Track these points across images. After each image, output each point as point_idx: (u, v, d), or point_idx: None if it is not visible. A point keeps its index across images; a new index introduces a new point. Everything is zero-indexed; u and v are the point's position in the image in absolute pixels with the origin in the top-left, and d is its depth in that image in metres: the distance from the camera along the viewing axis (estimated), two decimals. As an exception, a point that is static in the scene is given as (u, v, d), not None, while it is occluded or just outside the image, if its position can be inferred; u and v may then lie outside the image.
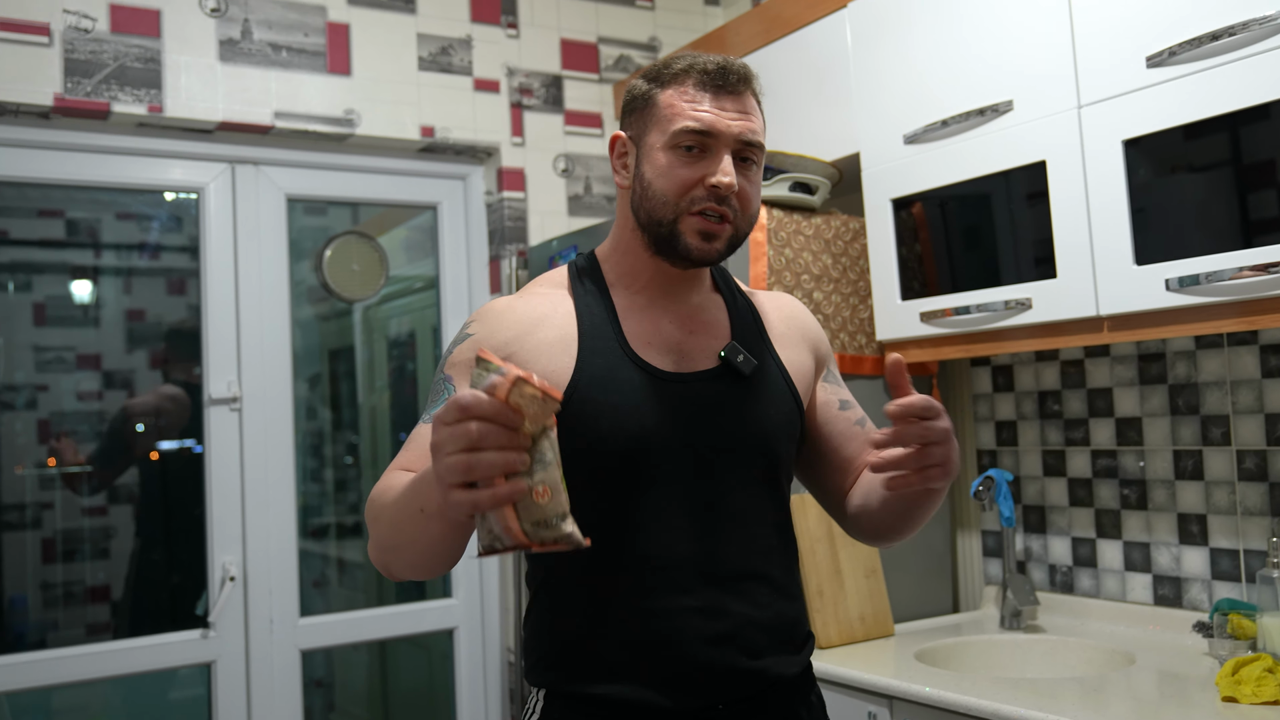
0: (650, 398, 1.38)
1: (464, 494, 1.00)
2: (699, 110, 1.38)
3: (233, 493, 2.83)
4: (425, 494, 1.14)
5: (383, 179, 3.14)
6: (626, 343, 1.41)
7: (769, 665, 1.39)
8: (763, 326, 1.53)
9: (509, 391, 0.99)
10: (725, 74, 1.39)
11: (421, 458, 1.32)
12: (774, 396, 1.46)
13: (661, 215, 1.39)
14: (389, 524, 1.25)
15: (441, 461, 1.01)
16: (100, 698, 3.42)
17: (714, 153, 1.38)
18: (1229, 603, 2.08)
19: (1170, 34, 1.87)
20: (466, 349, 1.40)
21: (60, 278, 3.90)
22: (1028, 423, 2.61)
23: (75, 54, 2.61)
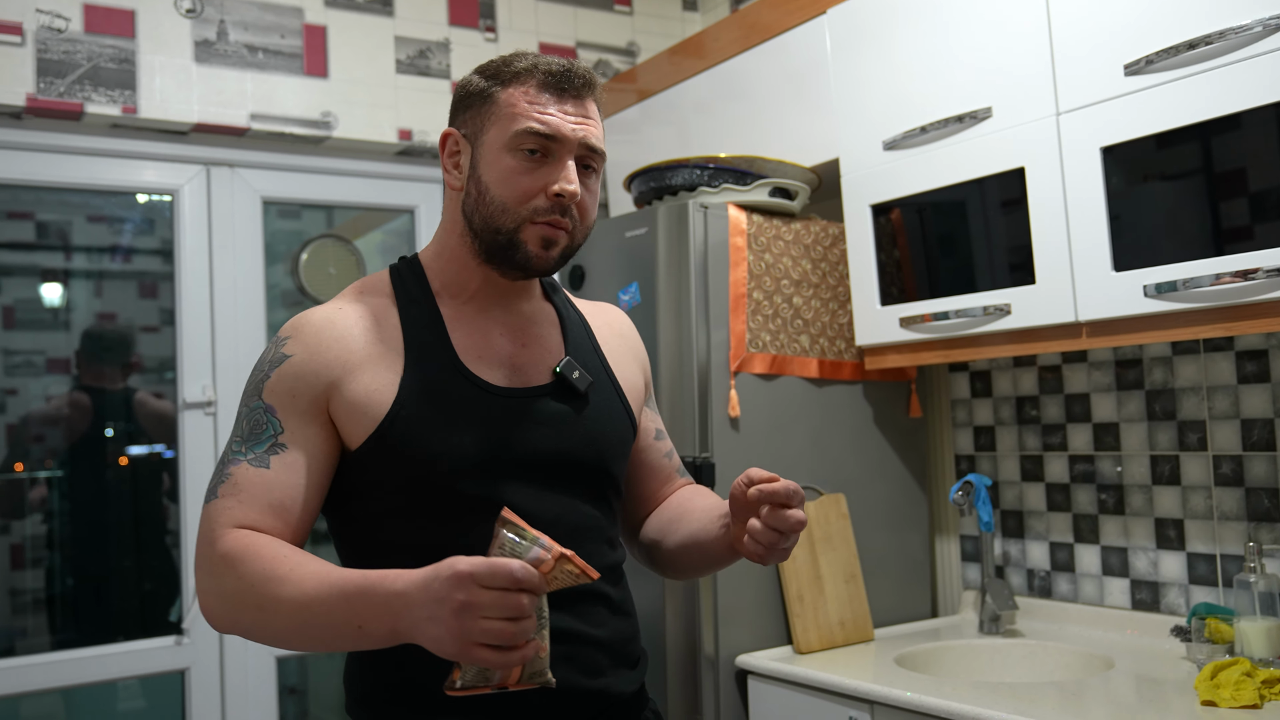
0: (483, 414, 1.33)
1: (491, 655, 1.04)
2: (544, 113, 1.32)
3: (207, 498, 2.80)
4: (371, 615, 1.11)
5: (360, 182, 3.12)
6: (457, 356, 1.35)
7: (609, 684, 1.36)
8: (595, 341, 1.50)
9: (553, 567, 1.06)
10: (570, 77, 1.34)
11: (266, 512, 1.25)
12: (610, 414, 1.44)
13: (501, 223, 1.33)
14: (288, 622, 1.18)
15: (477, 624, 1.02)
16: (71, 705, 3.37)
17: (556, 158, 1.33)
18: (1206, 607, 2.09)
19: (1148, 42, 1.88)
20: (293, 372, 1.31)
21: (30, 280, 3.85)
22: (1006, 428, 2.62)
23: (48, 54, 2.58)
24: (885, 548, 2.65)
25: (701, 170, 2.50)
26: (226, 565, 1.21)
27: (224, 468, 1.29)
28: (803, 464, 2.52)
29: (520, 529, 1.09)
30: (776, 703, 2.27)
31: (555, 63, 1.35)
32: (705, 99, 2.93)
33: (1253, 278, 1.73)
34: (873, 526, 2.62)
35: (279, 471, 1.27)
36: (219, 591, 1.22)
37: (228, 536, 1.22)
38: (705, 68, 2.92)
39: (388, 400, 1.30)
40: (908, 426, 2.72)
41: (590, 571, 1.07)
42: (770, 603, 2.43)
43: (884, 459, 2.67)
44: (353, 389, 1.30)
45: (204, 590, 1.24)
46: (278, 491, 1.26)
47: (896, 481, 2.69)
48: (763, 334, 2.46)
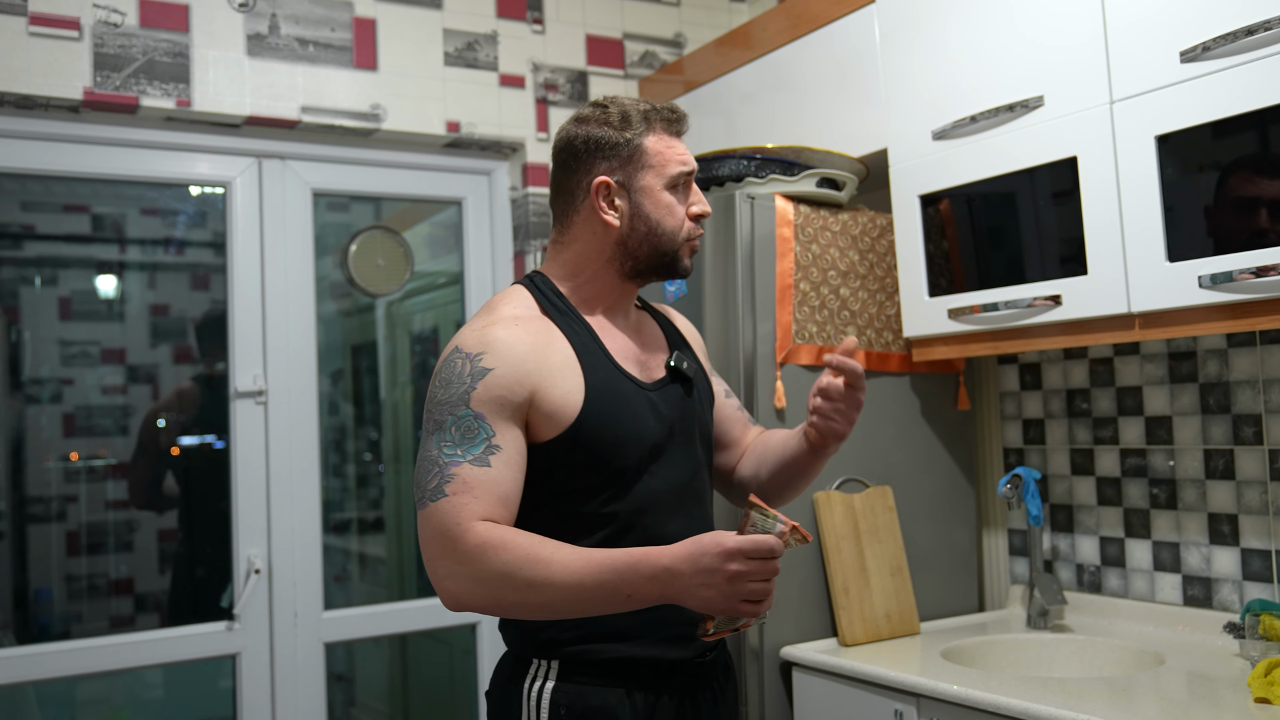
0: (640, 405, 1.61)
1: (750, 607, 1.40)
2: (681, 155, 1.65)
3: (258, 486, 2.84)
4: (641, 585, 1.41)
5: (408, 174, 3.14)
6: (614, 360, 1.62)
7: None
8: (682, 337, 1.80)
9: (789, 536, 1.40)
10: (681, 120, 1.67)
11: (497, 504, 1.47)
12: (703, 394, 1.75)
13: (669, 247, 1.64)
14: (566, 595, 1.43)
15: (745, 587, 1.38)
16: (124, 689, 3.44)
17: (688, 185, 1.66)
18: (1260, 603, 2.06)
19: (1205, 28, 1.85)
20: (499, 383, 1.51)
21: (86, 272, 3.92)
22: (1055, 421, 2.59)
23: (105, 48, 2.63)
24: (932, 541, 2.63)
25: (748, 161, 2.49)
26: (485, 552, 1.43)
27: (443, 470, 1.48)
28: (850, 456, 2.51)
29: (764, 510, 1.40)
30: (821, 695, 2.27)
31: (665, 109, 1.66)
32: (752, 90, 2.92)
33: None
34: (920, 519, 2.60)
35: (499, 469, 1.49)
36: (476, 576, 1.43)
37: (476, 528, 1.44)
38: (752, 58, 2.91)
39: (578, 402, 1.55)
40: (956, 419, 2.70)
41: (808, 536, 1.41)
42: (815, 595, 2.42)
43: (931, 451, 2.65)
44: (550, 395, 1.54)
45: (454, 576, 1.45)
46: (503, 485, 1.49)
47: (944, 474, 2.67)
48: (809, 325, 2.45)
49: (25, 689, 2.72)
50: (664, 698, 1.61)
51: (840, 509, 2.43)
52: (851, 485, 2.50)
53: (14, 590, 3.56)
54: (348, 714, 3.95)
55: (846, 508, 2.44)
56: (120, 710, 3.52)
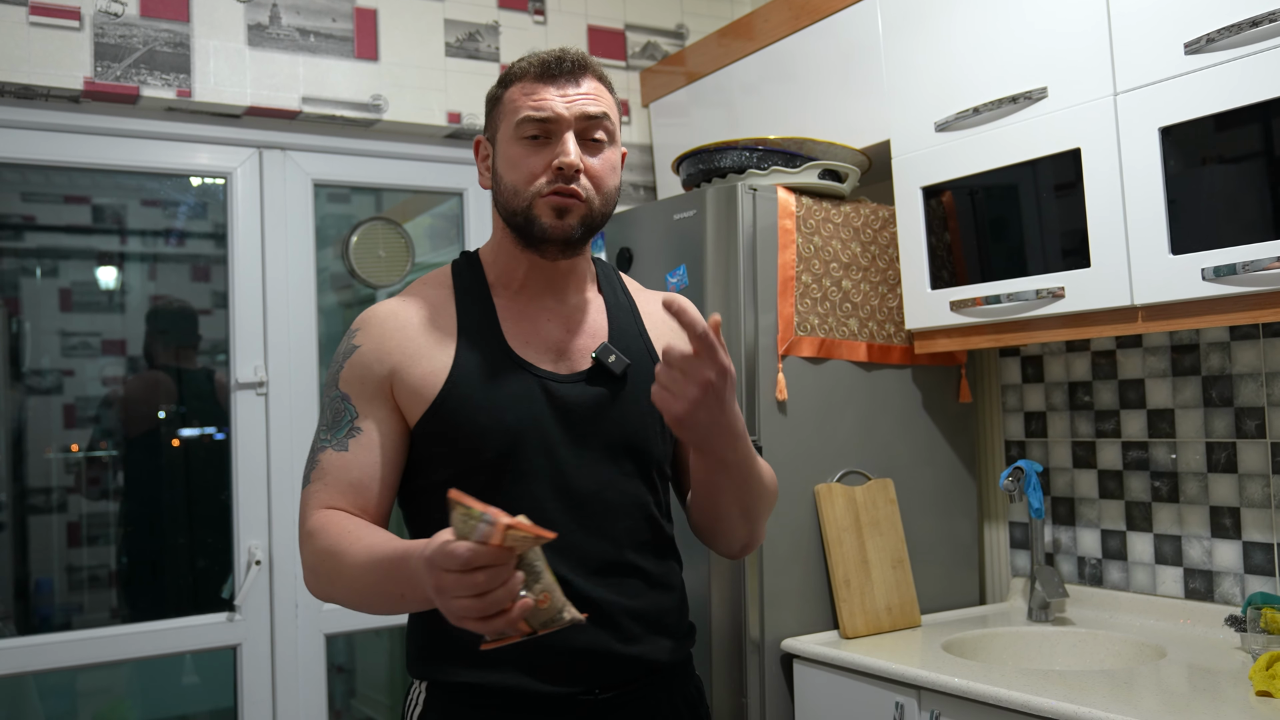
0: (527, 396, 1.44)
1: (480, 625, 1.09)
2: (536, 99, 1.43)
3: (258, 477, 2.83)
4: (406, 583, 1.21)
5: (409, 165, 3.13)
6: (506, 343, 1.47)
7: (645, 651, 1.45)
8: (643, 326, 1.58)
9: (502, 538, 1.06)
10: (560, 62, 1.45)
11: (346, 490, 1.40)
12: (648, 394, 1.43)
13: (515, 205, 1.45)
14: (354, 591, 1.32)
15: (452, 603, 1.08)
16: (124, 679, 3.44)
17: (557, 138, 1.43)
18: (1262, 596, 2.05)
19: (1209, 20, 1.84)
20: (361, 361, 1.45)
21: (86, 263, 3.92)
22: (1057, 414, 2.58)
23: (105, 38, 2.62)
24: (933, 533, 2.63)
25: (750, 152, 2.48)
26: (309, 542, 1.38)
27: (313, 455, 1.44)
28: (851, 448, 2.50)
29: (466, 509, 1.09)
30: (822, 687, 2.27)
31: (546, 54, 1.46)
32: (754, 81, 2.91)
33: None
34: (921, 512, 2.60)
35: (356, 453, 1.42)
36: (306, 566, 1.39)
37: (312, 517, 1.39)
38: (754, 49, 2.90)
39: (439, 382, 1.43)
40: (957, 411, 2.70)
41: (543, 533, 1.08)
42: (816, 587, 2.42)
43: (933, 444, 2.65)
44: (411, 373, 1.44)
45: (302, 565, 1.40)
46: (355, 471, 1.41)
47: (945, 467, 2.67)
48: (811, 317, 2.45)
49: (26, 679, 2.73)
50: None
51: (841, 501, 2.43)
52: (853, 478, 2.49)
53: (15, 581, 3.56)
54: (348, 705, 3.96)
55: (848, 500, 2.43)
56: (121, 701, 3.53)
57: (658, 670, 1.48)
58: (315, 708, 2.86)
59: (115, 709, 3.47)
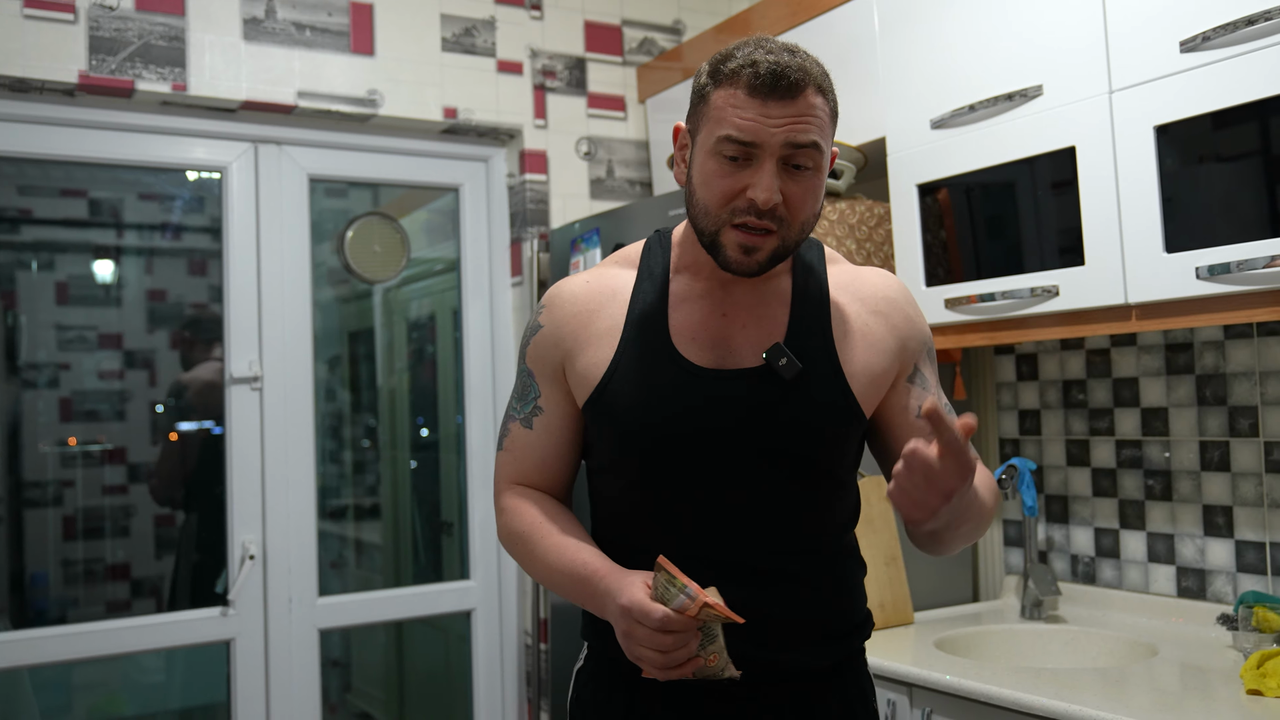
0: (681, 394, 1.39)
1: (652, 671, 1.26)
2: (743, 118, 1.32)
3: (253, 472, 2.83)
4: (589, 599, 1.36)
5: (405, 160, 3.13)
6: (669, 335, 1.42)
7: (796, 659, 1.41)
8: (828, 323, 1.45)
9: (698, 612, 1.21)
10: (777, 79, 1.31)
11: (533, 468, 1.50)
12: (818, 401, 1.41)
13: (704, 225, 1.37)
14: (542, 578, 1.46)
15: (634, 649, 1.25)
16: (119, 673, 3.44)
17: (758, 162, 1.32)
18: (1254, 595, 2.06)
19: (1205, 18, 1.84)
20: (542, 342, 1.49)
21: (83, 257, 3.92)
22: (1051, 412, 2.59)
23: (100, 31, 2.61)
24: (927, 531, 2.63)
25: (746, 149, 2.48)
26: (504, 515, 1.51)
27: (506, 422, 1.54)
28: (845, 445, 2.50)
29: (671, 576, 1.22)
30: (815, 684, 2.27)
31: (765, 64, 1.32)
32: (751, 78, 2.91)
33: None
34: (915, 509, 2.60)
35: (539, 433, 1.50)
36: (501, 532, 1.52)
37: (507, 492, 1.52)
38: (751, 46, 2.89)
39: (599, 374, 1.43)
40: (952, 408, 2.69)
41: (733, 617, 1.22)
42: (810, 584, 2.42)
43: (927, 442, 2.64)
44: (579, 360, 1.46)
45: (499, 524, 1.53)
46: (539, 451, 1.50)
47: (939, 465, 2.66)
48: (806, 314, 2.45)
49: (21, 673, 2.73)
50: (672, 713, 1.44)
51: (835, 498, 2.43)
52: (847, 475, 2.49)
53: (10, 575, 3.56)
54: (343, 699, 3.96)
55: (842, 497, 2.44)
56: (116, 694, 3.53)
57: (813, 674, 1.44)
58: (309, 702, 2.86)
59: (110, 703, 3.47)
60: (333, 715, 3.70)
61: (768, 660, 1.39)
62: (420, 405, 3.79)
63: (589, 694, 1.52)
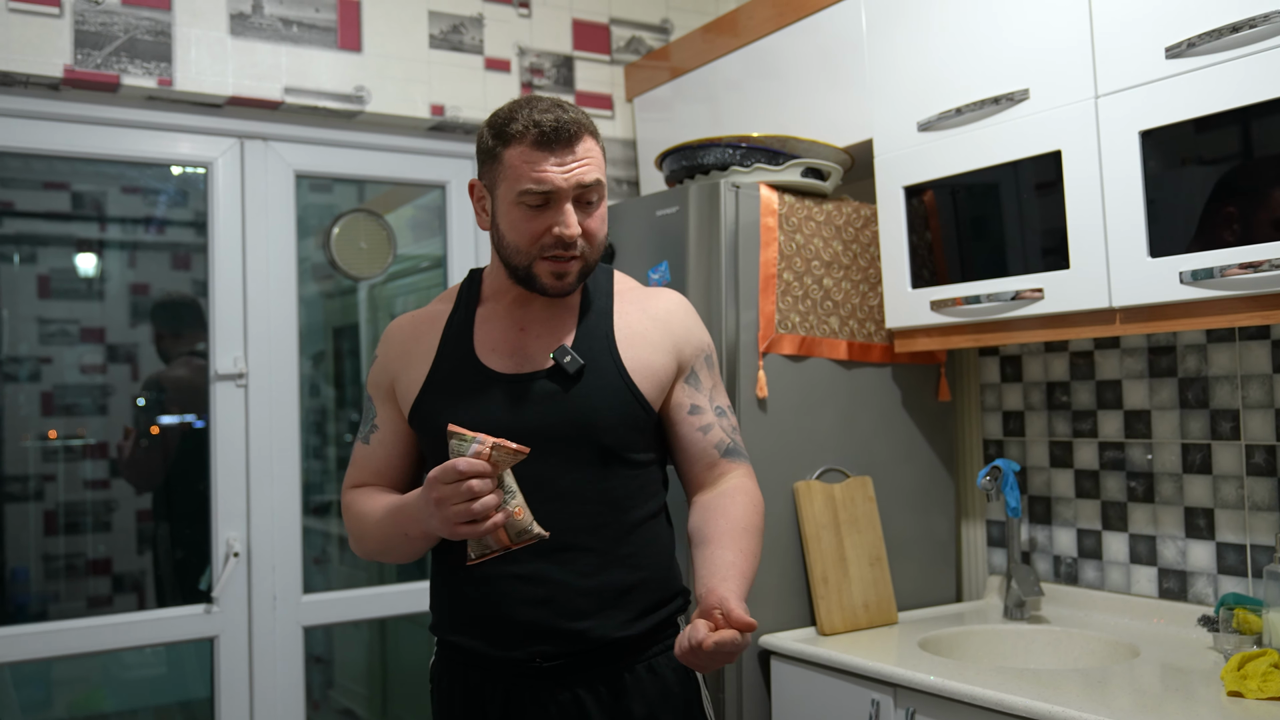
0: (485, 395, 1.63)
1: (469, 529, 1.40)
2: (538, 171, 1.55)
3: (237, 468, 2.82)
4: (406, 523, 1.55)
5: (392, 157, 3.12)
6: (473, 349, 1.67)
7: (591, 627, 1.59)
8: (610, 327, 1.68)
9: (490, 452, 1.39)
10: (559, 132, 1.55)
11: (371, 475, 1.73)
12: (604, 391, 1.63)
13: (517, 262, 1.62)
14: (376, 541, 1.66)
15: (448, 510, 1.40)
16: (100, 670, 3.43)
17: (556, 204, 1.57)
18: (1235, 597, 2.08)
19: (1190, 25, 1.85)
20: (376, 369, 1.76)
21: (65, 250, 3.89)
22: (1035, 413, 2.60)
23: (86, 25, 2.60)
24: (911, 531, 2.64)
25: (734, 149, 2.49)
26: (344, 513, 1.72)
27: (355, 444, 1.77)
28: (831, 446, 2.51)
29: (460, 434, 1.41)
30: (799, 683, 2.28)
31: (546, 118, 1.55)
32: (738, 77, 2.92)
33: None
34: (899, 509, 2.62)
35: (375, 447, 1.74)
36: (348, 531, 1.72)
37: (345, 495, 1.74)
38: (739, 46, 2.90)
39: (417, 388, 1.67)
40: (936, 410, 2.71)
41: (521, 449, 1.41)
42: (795, 584, 2.43)
43: (912, 442, 2.66)
44: (401, 382, 1.71)
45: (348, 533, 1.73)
46: (375, 461, 1.74)
47: (924, 465, 2.68)
48: (792, 315, 2.46)
49: (1, 669, 2.71)
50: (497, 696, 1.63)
51: (820, 499, 2.44)
52: (832, 475, 2.50)
53: (-10, 570, 3.54)
54: (326, 696, 3.95)
55: (826, 498, 2.45)
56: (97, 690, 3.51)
57: (610, 643, 1.61)
58: (292, 699, 2.86)
59: (91, 698, 3.45)
60: (316, 712, 3.69)
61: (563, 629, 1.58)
62: (405, 402, 3.79)
63: (445, 683, 1.70)
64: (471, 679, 1.65)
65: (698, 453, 1.71)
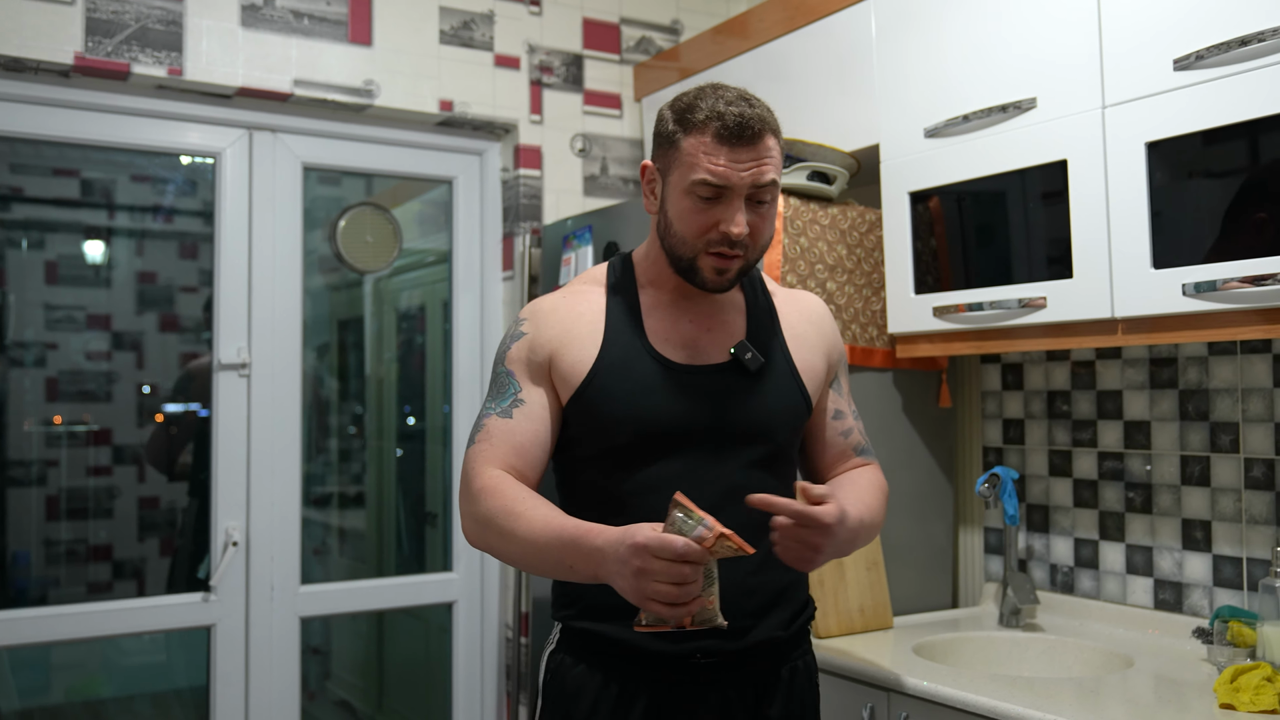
0: (662, 386, 1.60)
1: (662, 608, 1.31)
2: (715, 165, 1.53)
3: (239, 458, 2.83)
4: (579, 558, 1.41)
5: (400, 151, 3.13)
6: (646, 337, 1.63)
7: (754, 625, 1.60)
8: (779, 326, 1.72)
9: (714, 543, 1.30)
10: (742, 128, 1.52)
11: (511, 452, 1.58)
12: (780, 390, 1.66)
13: (681, 252, 1.60)
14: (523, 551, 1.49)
15: (649, 586, 1.30)
16: (98, 655, 3.44)
17: (728, 200, 1.55)
18: (1230, 610, 2.08)
19: (1199, 37, 1.86)
20: (524, 346, 1.65)
21: (73, 237, 3.91)
22: (1035, 422, 2.60)
23: (97, 13, 2.61)
24: (909, 536, 2.64)
25: (740, 151, 2.49)
26: (482, 496, 1.53)
27: (479, 421, 1.63)
28: (830, 449, 2.52)
29: (688, 510, 1.32)
30: (793, 685, 2.28)
31: (732, 115, 1.53)
32: (747, 79, 2.92)
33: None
34: (897, 514, 2.62)
35: (520, 420, 1.61)
36: (474, 515, 1.55)
37: (484, 473, 1.56)
38: (748, 48, 2.91)
39: (585, 370, 1.61)
40: (937, 416, 2.71)
41: (746, 547, 1.31)
42: (791, 586, 2.43)
43: (912, 447, 2.66)
44: (564, 360, 1.63)
45: (464, 514, 1.58)
46: (519, 436, 1.60)
47: (923, 470, 2.68)
48: (795, 318, 2.46)
49: None
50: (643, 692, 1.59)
51: (819, 502, 2.44)
52: (831, 478, 2.51)
53: (-8, 553, 3.55)
54: (322, 687, 3.97)
55: (825, 501, 2.45)
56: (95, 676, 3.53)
57: (767, 643, 1.62)
58: (288, 689, 2.87)
59: (89, 684, 3.47)
60: (312, 703, 3.70)
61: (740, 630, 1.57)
62: (408, 395, 3.80)
63: (573, 676, 1.63)
64: (611, 672, 1.60)
65: (836, 453, 1.78)
